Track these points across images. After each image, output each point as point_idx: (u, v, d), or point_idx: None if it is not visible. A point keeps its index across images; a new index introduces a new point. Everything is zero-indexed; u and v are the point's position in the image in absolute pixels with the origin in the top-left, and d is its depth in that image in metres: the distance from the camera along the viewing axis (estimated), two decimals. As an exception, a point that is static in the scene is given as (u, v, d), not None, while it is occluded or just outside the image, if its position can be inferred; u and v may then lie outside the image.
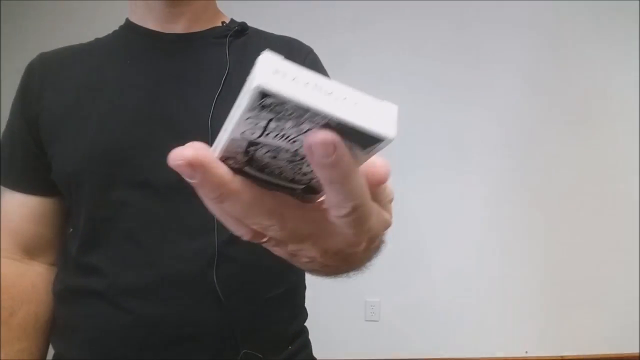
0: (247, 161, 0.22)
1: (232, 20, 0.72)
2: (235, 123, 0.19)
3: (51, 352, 0.67)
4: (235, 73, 0.64)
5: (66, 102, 0.64)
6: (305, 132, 0.19)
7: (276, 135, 0.20)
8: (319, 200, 0.25)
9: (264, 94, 0.18)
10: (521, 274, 2.47)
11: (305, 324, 0.74)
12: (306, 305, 0.75)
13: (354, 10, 2.48)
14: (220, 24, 0.70)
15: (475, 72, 2.46)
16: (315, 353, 0.74)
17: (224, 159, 0.22)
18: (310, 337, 0.74)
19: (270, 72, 0.18)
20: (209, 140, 0.59)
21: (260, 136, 0.20)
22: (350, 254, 0.28)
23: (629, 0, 2.48)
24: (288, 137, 0.20)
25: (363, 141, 0.20)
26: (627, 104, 2.50)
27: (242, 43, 0.69)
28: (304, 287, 0.74)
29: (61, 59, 0.69)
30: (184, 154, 0.19)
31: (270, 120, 0.19)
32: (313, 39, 0.77)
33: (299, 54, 0.70)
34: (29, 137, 0.66)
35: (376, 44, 2.47)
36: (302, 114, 0.19)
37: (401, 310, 2.45)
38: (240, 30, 0.69)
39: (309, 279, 0.75)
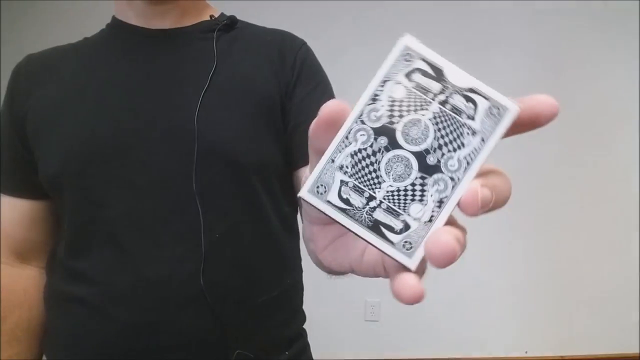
0: None
1: (221, 14, 0.70)
2: None
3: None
4: (223, 68, 0.62)
5: (52, 104, 0.62)
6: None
7: None
8: None
9: None
10: (521, 274, 2.46)
11: (305, 324, 0.72)
12: (306, 305, 0.73)
13: (354, 4, 2.47)
14: (209, 18, 0.68)
15: (474, 74, 2.46)
16: (315, 353, 0.73)
17: None
18: (310, 337, 0.73)
19: None
20: (195, 137, 0.57)
21: None
22: None
23: (630, 2, 2.48)
24: None
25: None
26: (627, 107, 2.50)
27: (231, 37, 0.66)
28: (301, 289, 0.72)
29: (48, 60, 0.67)
30: None
31: None
32: (312, 33, 0.76)
33: (292, 46, 0.68)
34: (16, 140, 0.65)
35: (375, 38, 2.46)
36: None
37: (401, 310, 2.44)
38: (229, 24, 0.67)
39: (309, 279, 0.74)
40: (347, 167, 0.24)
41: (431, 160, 0.24)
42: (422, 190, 0.24)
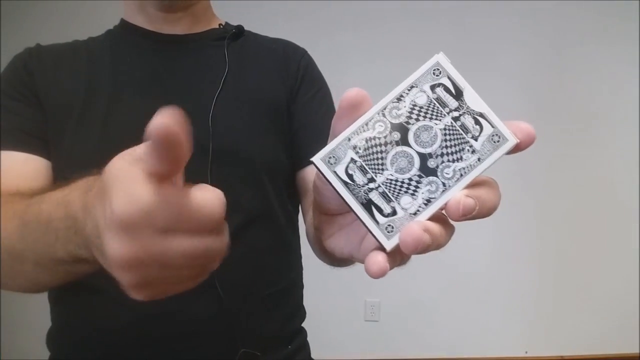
0: None
1: (227, 24, 0.74)
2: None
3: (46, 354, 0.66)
4: (233, 73, 0.66)
5: (66, 104, 0.62)
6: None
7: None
8: None
9: None
10: (521, 274, 2.46)
11: (305, 324, 0.74)
12: (306, 305, 0.75)
13: (356, 12, 2.47)
14: (218, 27, 0.72)
15: (475, 76, 2.46)
16: (315, 353, 0.74)
17: None
18: (310, 337, 0.74)
19: None
20: (210, 137, 0.59)
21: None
22: None
23: (630, 2, 2.48)
24: None
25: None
26: (628, 109, 2.50)
27: (239, 45, 0.70)
28: (302, 286, 0.74)
29: (58, 55, 0.66)
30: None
31: None
32: (314, 40, 0.77)
33: (295, 54, 0.72)
34: (30, 107, 0.61)
35: (377, 46, 2.47)
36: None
37: (401, 310, 2.44)
38: (237, 33, 0.71)
39: (310, 279, 0.75)
40: (359, 148, 0.28)
41: (431, 163, 0.28)
42: (416, 187, 0.27)
